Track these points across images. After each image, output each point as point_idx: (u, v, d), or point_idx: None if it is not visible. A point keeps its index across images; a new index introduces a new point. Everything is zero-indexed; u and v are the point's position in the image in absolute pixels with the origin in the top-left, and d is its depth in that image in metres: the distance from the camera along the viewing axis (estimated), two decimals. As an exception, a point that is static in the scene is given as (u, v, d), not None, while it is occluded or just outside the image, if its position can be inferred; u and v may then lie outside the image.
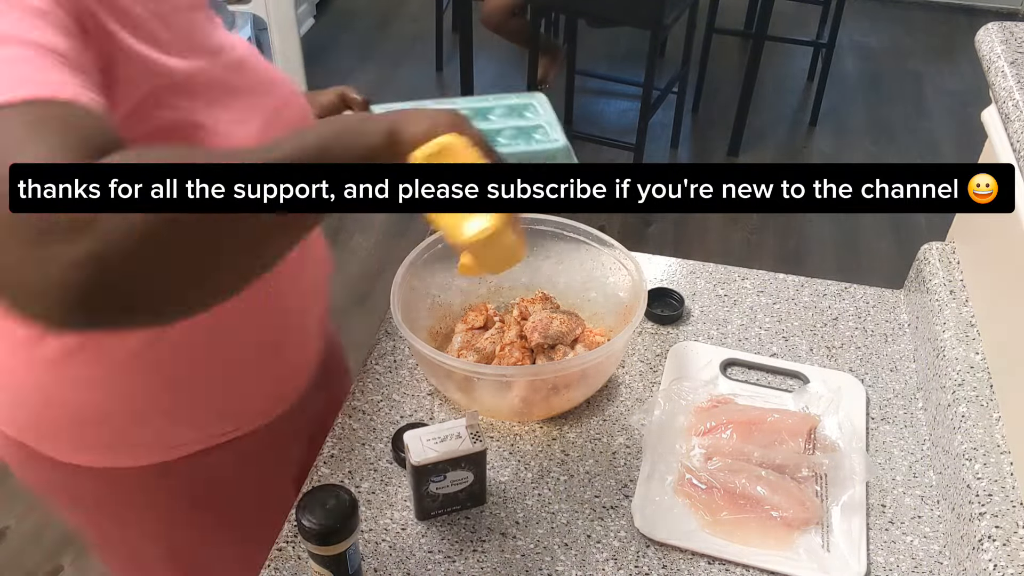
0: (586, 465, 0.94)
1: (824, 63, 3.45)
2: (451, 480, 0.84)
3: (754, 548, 0.84)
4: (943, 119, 3.60)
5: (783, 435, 0.93)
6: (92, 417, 0.84)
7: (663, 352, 1.08)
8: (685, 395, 0.98)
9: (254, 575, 0.83)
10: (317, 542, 0.70)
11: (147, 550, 0.98)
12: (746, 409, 0.97)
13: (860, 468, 0.90)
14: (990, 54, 0.97)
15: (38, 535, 1.92)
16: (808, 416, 0.96)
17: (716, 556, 0.84)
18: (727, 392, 1.01)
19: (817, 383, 1.02)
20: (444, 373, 0.96)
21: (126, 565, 1.03)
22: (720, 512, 0.86)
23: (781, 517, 0.86)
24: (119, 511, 0.94)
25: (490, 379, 0.96)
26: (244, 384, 0.88)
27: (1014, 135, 0.86)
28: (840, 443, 0.93)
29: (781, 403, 0.99)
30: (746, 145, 3.40)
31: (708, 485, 0.89)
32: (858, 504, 0.88)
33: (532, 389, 0.95)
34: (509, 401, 0.95)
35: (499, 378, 0.96)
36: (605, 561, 0.84)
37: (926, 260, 1.14)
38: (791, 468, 0.90)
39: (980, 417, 0.89)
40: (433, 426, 0.84)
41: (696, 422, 0.95)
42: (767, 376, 1.05)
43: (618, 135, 3.22)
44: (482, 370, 0.94)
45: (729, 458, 0.90)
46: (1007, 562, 0.75)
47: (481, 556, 0.84)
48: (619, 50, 3.94)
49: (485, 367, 0.96)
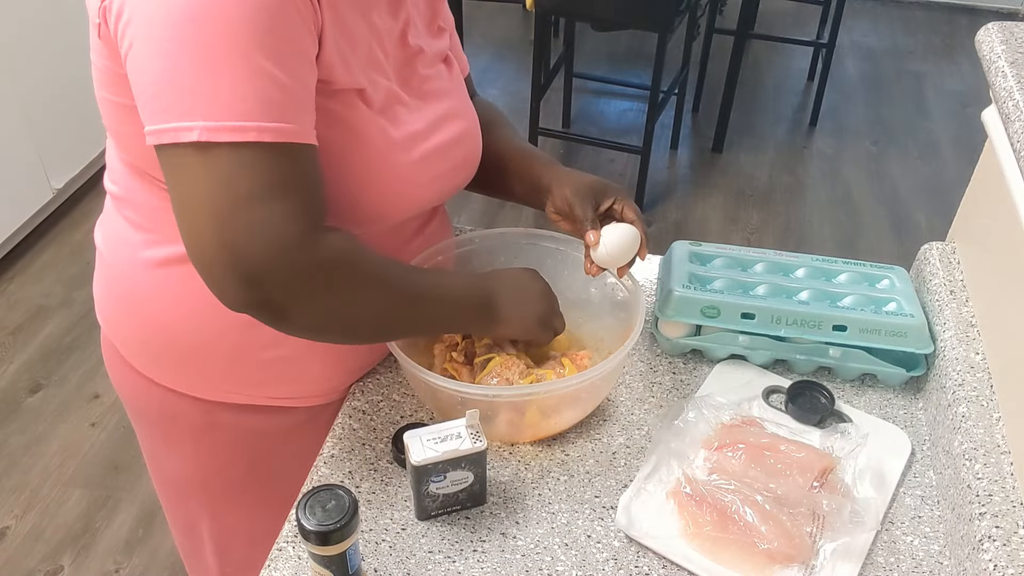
0: (586, 465, 0.94)
1: (824, 63, 3.46)
2: (451, 480, 0.84)
3: (725, 568, 0.83)
4: (943, 119, 3.60)
5: (792, 468, 0.89)
6: (167, 329, 0.90)
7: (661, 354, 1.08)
8: (715, 409, 0.96)
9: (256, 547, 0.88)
10: (317, 542, 0.70)
11: (185, 475, 1.05)
12: (764, 435, 0.95)
13: (871, 518, 0.85)
14: (990, 54, 0.97)
15: (38, 535, 1.92)
16: (825, 455, 0.91)
17: (681, 565, 0.83)
18: (758, 416, 0.99)
19: (852, 426, 0.97)
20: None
21: (166, 484, 1.11)
22: (704, 526, 0.85)
23: (765, 548, 0.83)
24: (172, 433, 1.01)
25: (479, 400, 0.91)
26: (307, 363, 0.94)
27: (1014, 135, 0.86)
28: (856, 490, 0.90)
29: (808, 438, 0.95)
30: (746, 145, 3.40)
31: (700, 497, 0.87)
32: (856, 553, 0.84)
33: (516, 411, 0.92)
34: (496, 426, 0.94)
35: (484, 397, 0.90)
36: (605, 561, 0.84)
37: (926, 260, 1.14)
38: (791, 502, 0.86)
39: (980, 417, 0.89)
40: (433, 426, 0.84)
41: (715, 437, 0.94)
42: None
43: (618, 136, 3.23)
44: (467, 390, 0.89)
45: (731, 478, 0.88)
46: (1007, 562, 0.75)
47: (481, 556, 0.84)
48: (619, 51, 3.94)
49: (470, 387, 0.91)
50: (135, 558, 1.89)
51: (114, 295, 0.95)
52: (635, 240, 0.95)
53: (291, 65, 0.69)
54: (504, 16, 4.27)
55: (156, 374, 0.95)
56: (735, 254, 1.14)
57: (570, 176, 0.98)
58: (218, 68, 0.66)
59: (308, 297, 0.72)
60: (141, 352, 0.95)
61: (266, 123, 0.67)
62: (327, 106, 0.76)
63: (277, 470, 1.02)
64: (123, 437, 2.14)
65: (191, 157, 0.67)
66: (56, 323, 2.46)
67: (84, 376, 2.30)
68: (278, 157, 0.68)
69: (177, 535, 1.17)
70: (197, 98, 0.66)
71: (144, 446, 1.10)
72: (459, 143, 0.92)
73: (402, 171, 0.84)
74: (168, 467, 1.07)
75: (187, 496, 1.07)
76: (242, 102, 0.66)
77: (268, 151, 0.67)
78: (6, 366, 2.33)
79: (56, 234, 2.77)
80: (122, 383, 1.02)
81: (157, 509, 1.95)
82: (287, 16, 0.68)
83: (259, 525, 1.04)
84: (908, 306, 1.04)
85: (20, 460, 2.08)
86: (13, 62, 2.47)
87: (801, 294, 1.06)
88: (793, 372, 1.06)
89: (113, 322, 0.97)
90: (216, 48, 0.65)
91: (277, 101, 0.67)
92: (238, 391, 0.94)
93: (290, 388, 0.96)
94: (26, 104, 2.54)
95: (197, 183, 0.67)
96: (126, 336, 0.96)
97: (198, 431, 0.98)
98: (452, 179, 0.93)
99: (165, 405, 0.97)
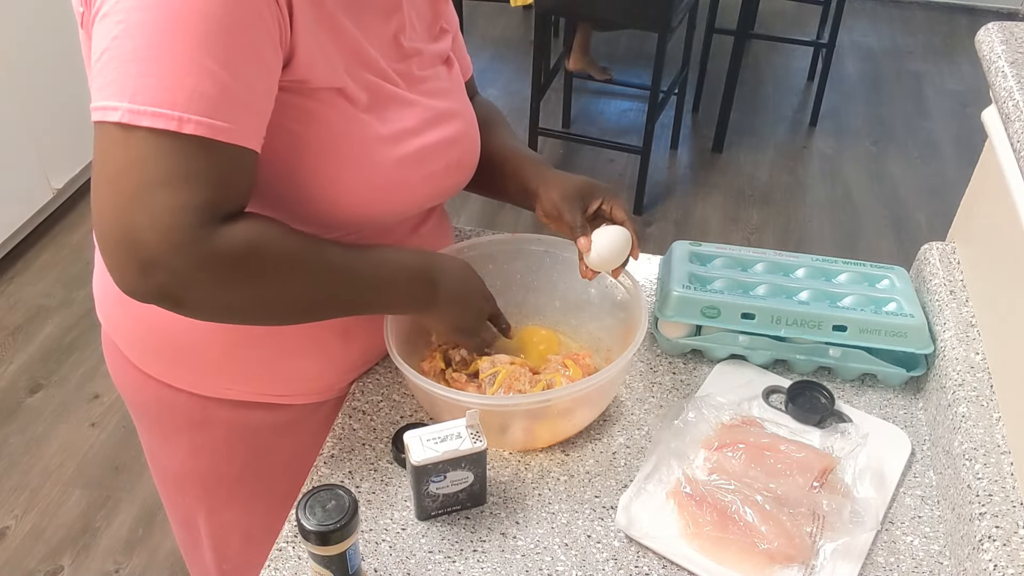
0: (586, 465, 0.94)
1: (824, 63, 3.46)
2: (451, 480, 0.84)
3: (725, 568, 0.83)
4: (943, 119, 3.60)
5: (792, 468, 0.89)
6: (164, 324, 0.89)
7: (661, 354, 1.08)
8: (715, 409, 0.96)
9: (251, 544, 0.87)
10: (317, 542, 0.70)
11: (183, 470, 1.05)
12: (764, 435, 0.94)
13: (871, 518, 0.86)
14: (990, 54, 0.97)
15: (38, 535, 1.92)
16: (824, 455, 0.91)
17: (681, 565, 0.84)
18: (758, 416, 0.99)
19: (852, 426, 0.97)
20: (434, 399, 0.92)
21: (165, 479, 1.12)
22: (704, 526, 0.85)
23: (765, 548, 0.83)
24: (169, 428, 1.02)
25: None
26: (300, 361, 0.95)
27: (1014, 135, 0.86)
28: (856, 490, 0.90)
29: (808, 438, 0.95)
30: (746, 145, 3.40)
31: (700, 497, 0.87)
32: (856, 553, 0.84)
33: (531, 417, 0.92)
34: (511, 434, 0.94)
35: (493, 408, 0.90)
36: (605, 561, 0.84)
37: (926, 260, 1.14)
38: (791, 502, 0.86)
39: (980, 417, 0.89)
40: (433, 426, 0.84)
41: (715, 437, 0.94)
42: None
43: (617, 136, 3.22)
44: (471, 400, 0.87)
45: (731, 478, 0.88)
46: (1007, 562, 0.75)
47: (481, 556, 0.84)
48: (619, 51, 3.94)
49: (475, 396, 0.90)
50: (135, 558, 1.89)
51: (112, 291, 0.95)
52: (627, 242, 0.95)
53: (240, 68, 0.69)
54: (504, 16, 4.28)
55: (154, 369, 0.96)
56: (735, 254, 1.14)
57: (558, 179, 0.98)
58: (161, 55, 0.66)
59: (205, 287, 0.71)
60: (139, 348, 0.96)
61: (191, 115, 0.66)
62: (305, 105, 0.77)
63: (273, 467, 1.02)
64: (123, 437, 2.14)
65: (113, 136, 0.67)
66: (56, 323, 2.46)
67: (84, 376, 2.30)
68: (195, 150, 0.67)
69: (177, 530, 1.18)
70: (131, 80, 0.66)
71: (144, 441, 1.10)
72: (454, 144, 0.92)
73: (386, 169, 0.83)
74: (166, 462, 1.08)
75: (185, 491, 1.08)
76: (172, 91, 0.66)
77: (186, 142, 0.67)
78: (6, 366, 2.33)
79: (56, 234, 2.77)
80: (122, 379, 1.02)
81: (157, 509, 1.95)
82: (247, 21, 0.68)
83: (255, 522, 1.05)
84: (908, 306, 1.04)
85: (20, 460, 2.09)
86: (13, 62, 2.47)
87: (801, 294, 1.06)
88: (793, 372, 1.06)
89: (112, 318, 0.97)
90: (165, 35, 0.66)
91: (211, 97, 0.67)
92: (233, 387, 0.95)
93: (284, 386, 0.96)
94: (26, 104, 2.54)
95: (111, 162, 0.67)
96: (125, 332, 0.96)
97: (195, 426, 0.99)
98: (445, 180, 0.93)
99: (163, 400, 0.98)
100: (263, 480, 1.03)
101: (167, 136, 0.66)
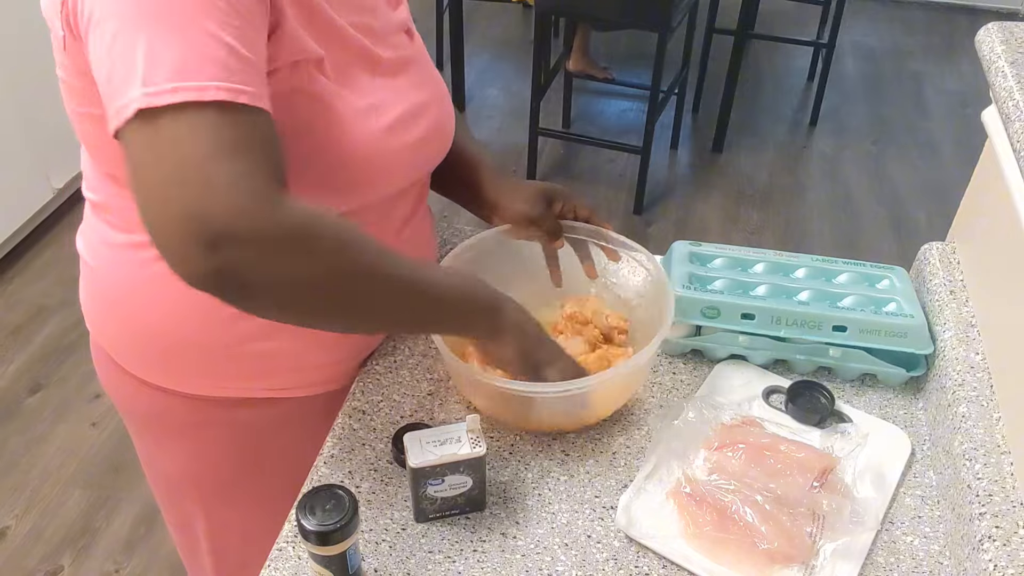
0: (586, 465, 0.94)
1: (824, 63, 3.46)
2: (449, 484, 0.84)
3: (725, 568, 0.83)
4: (943, 119, 3.60)
5: (792, 468, 0.89)
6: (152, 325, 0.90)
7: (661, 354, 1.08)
8: (715, 409, 0.96)
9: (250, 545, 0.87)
10: (317, 542, 0.70)
11: (178, 474, 1.05)
12: (764, 435, 0.94)
13: (871, 518, 0.86)
14: (990, 54, 0.97)
15: (38, 535, 1.92)
16: (825, 455, 0.91)
17: (681, 565, 0.83)
18: (758, 416, 0.99)
19: (852, 426, 0.98)
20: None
21: (160, 484, 1.12)
22: (704, 526, 0.85)
23: (765, 548, 0.83)
24: (163, 432, 1.02)
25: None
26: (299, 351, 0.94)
27: (1014, 135, 0.86)
28: (856, 490, 0.90)
29: (808, 438, 0.95)
30: (746, 145, 3.40)
31: (700, 497, 0.87)
32: (856, 553, 0.84)
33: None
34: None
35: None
36: (605, 561, 0.84)
37: (926, 260, 1.14)
38: (791, 502, 0.86)
39: (980, 417, 0.89)
40: (434, 428, 0.84)
41: (715, 437, 0.94)
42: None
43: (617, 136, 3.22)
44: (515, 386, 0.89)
45: (731, 478, 0.88)
46: (1007, 562, 0.75)
47: (481, 556, 0.84)
48: (618, 51, 3.94)
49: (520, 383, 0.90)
50: (135, 558, 1.89)
51: (99, 297, 0.95)
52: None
53: (247, 36, 0.67)
54: (504, 16, 4.27)
55: (144, 373, 0.96)
56: (735, 254, 1.14)
57: (515, 189, 0.99)
58: (167, 37, 0.63)
59: (275, 259, 0.65)
60: (129, 351, 0.96)
61: (206, 82, 0.62)
62: (289, 79, 0.75)
63: (268, 466, 1.02)
64: (123, 437, 2.14)
65: (138, 131, 0.63)
66: (56, 323, 2.46)
67: (84, 376, 2.30)
68: (223, 116, 0.63)
69: (175, 534, 1.17)
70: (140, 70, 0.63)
71: (138, 447, 1.10)
72: (426, 109, 0.90)
73: (371, 139, 0.82)
74: (162, 466, 1.08)
75: (181, 494, 1.08)
76: (183, 64, 0.63)
77: (213, 111, 0.63)
78: (6, 366, 2.33)
79: (56, 234, 2.77)
80: (114, 387, 1.02)
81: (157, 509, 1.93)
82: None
83: (252, 522, 1.04)
84: (908, 306, 1.04)
85: (20, 460, 2.09)
86: (13, 62, 2.47)
87: (801, 294, 1.06)
88: (793, 372, 1.06)
89: (100, 324, 0.97)
90: (165, 20, 0.64)
91: (222, 62, 0.64)
92: (224, 384, 0.95)
93: (277, 380, 0.96)
94: (26, 104, 2.54)
95: (145, 153, 0.63)
96: (113, 337, 0.96)
97: (188, 428, 0.99)
98: (424, 149, 0.91)
99: (155, 404, 0.97)
100: (258, 479, 1.03)
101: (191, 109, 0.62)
